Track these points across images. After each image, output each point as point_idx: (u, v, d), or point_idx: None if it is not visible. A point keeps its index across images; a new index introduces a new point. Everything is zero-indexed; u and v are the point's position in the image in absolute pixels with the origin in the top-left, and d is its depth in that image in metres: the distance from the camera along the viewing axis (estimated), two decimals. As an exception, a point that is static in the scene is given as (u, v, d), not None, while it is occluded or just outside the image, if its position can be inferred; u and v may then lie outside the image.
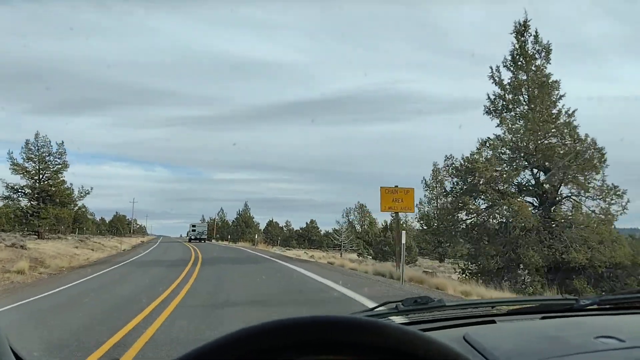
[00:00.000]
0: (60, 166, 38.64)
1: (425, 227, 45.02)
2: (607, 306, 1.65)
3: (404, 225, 37.56)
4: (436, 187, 47.19)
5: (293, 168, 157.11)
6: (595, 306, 1.62)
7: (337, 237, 47.82)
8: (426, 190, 47.19)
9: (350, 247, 45.74)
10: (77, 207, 62.61)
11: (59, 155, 38.89)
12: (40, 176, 38.26)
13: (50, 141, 38.66)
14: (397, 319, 1.64)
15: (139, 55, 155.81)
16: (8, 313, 8.28)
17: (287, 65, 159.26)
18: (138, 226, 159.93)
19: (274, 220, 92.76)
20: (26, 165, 37.73)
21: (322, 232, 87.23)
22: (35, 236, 37.69)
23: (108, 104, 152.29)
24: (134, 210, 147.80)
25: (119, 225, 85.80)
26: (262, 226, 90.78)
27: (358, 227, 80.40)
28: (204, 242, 65.71)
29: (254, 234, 76.01)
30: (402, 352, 0.59)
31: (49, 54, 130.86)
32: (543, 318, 1.57)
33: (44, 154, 38.34)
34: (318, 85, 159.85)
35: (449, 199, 17.91)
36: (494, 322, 1.55)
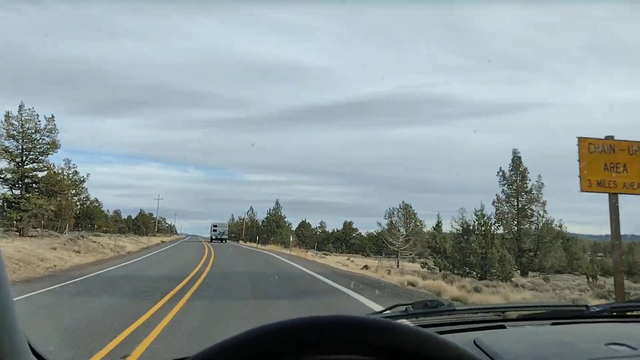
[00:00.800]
0: (48, 146, 30.91)
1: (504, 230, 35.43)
2: (618, 313, 1.63)
3: (481, 227, 28.00)
4: (517, 180, 37.37)
5: (323, 171, 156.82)
6: (606, 313, 1.60)
7: (393, 242, 38.31)
8: (504, 184, 37.42)
9: (410, 254, 36.23)
10: (87, 201, 56.12)
11: (47, 132, 31.20)
12: (24, 158, 30.65)
13: (37, 115, 31.01)
14: (407, 322, 1.47)
15: (174, 58, 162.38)
16: None
17: (319, 69, 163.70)
18: (167, 225, 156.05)
19: (306, 221, 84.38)
20: (6, 143, 30.17)
21: (357, 235, 78.26)
22: (17, 232, 30.34)
23: (144, 105, 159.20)
24: (164, 209, 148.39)
25: (141, 224, 78.82)
26: (293, 227, 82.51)
27: (402, 229, 70.95)
28: (225, 242, 64.02)
29: (286, 235, 67.54)
30: (419, 354, 0.58)
31: (88, 57, 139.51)
32: (553, 324, 1.56)
33: (29, 130, 30.71)
34: (350, 88, 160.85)
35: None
36: (504, 327, 1.55)
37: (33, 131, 30.91)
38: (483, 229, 24.24)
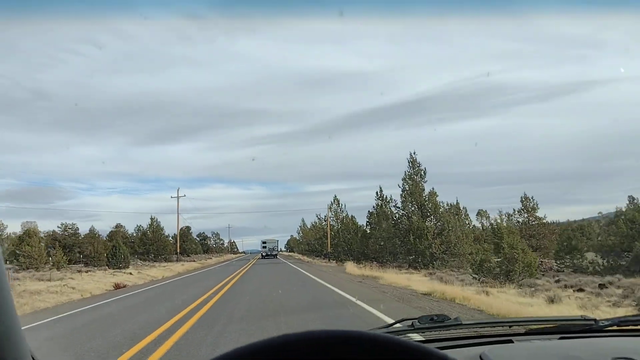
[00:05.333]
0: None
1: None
2: (627, 327, 1.60)
3: None
4: None
5: (383, 174, 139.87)
6: (614, 327, 1.57)
7: None
8: None
9: None
10: None
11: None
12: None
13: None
14: (414, 337, 1.56)
15: (226, 79, 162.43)
16: None
17: (370, 74, 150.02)
18: (221, 243, 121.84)
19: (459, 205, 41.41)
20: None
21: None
22: None
23: (203, 129, 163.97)
24: (224, 229, 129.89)
25: (118, 245, 38.90)
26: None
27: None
28: (276, 257, 63.60)
29: (465, 241, 25.71)
30: None
31: (146, 89, 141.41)
32: (561, 338, 1.53)
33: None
34: (403, 88, 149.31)
35: None
36: (511, 341, 1.52)
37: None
38: None
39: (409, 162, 30.29)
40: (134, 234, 64.05)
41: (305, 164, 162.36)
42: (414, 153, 30.38)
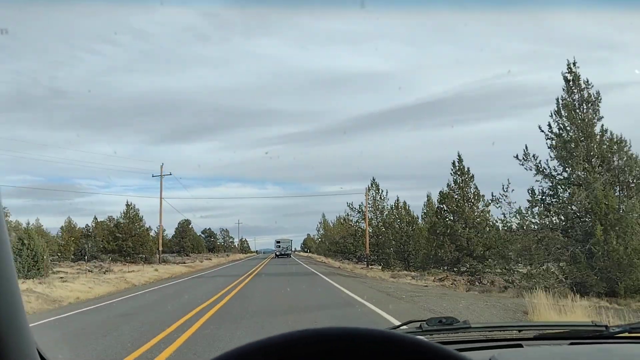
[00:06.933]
0: None
1: None
2: (638, 334, 1.56)
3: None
4: None
5: (398, 175, 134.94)
6: (625, 334, 1.53)
7: None
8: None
9: None
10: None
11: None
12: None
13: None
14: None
15: (242, 79, 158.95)
16: None
17: (386, 74, 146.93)
18: (230, 241, 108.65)
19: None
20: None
21: None
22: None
23: (218, 128, 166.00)
24: (238, 227, 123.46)
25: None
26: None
27: None
28: (289, 257, 63.23)
29: None
30: None
31: (163, 88, 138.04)
32: (572, 344, 1.49)
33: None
34: (419, 89, 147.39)
35: None
36: (520, 346, 1.48)
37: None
38: None
39: (565, 80, 15.27)
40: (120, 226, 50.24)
41: (320, 164, 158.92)
42: (575, 64, 15.30)
